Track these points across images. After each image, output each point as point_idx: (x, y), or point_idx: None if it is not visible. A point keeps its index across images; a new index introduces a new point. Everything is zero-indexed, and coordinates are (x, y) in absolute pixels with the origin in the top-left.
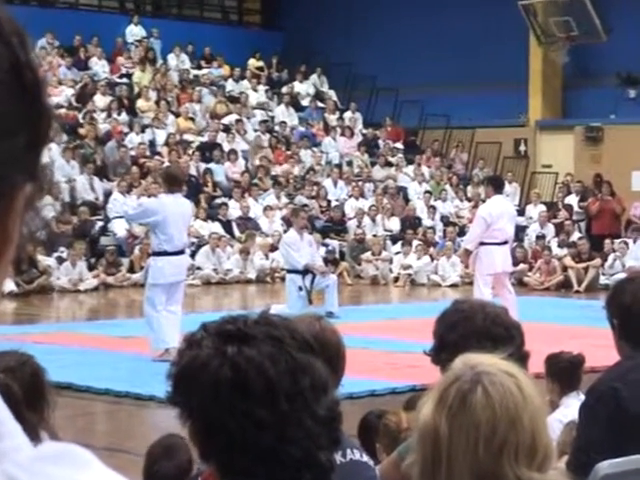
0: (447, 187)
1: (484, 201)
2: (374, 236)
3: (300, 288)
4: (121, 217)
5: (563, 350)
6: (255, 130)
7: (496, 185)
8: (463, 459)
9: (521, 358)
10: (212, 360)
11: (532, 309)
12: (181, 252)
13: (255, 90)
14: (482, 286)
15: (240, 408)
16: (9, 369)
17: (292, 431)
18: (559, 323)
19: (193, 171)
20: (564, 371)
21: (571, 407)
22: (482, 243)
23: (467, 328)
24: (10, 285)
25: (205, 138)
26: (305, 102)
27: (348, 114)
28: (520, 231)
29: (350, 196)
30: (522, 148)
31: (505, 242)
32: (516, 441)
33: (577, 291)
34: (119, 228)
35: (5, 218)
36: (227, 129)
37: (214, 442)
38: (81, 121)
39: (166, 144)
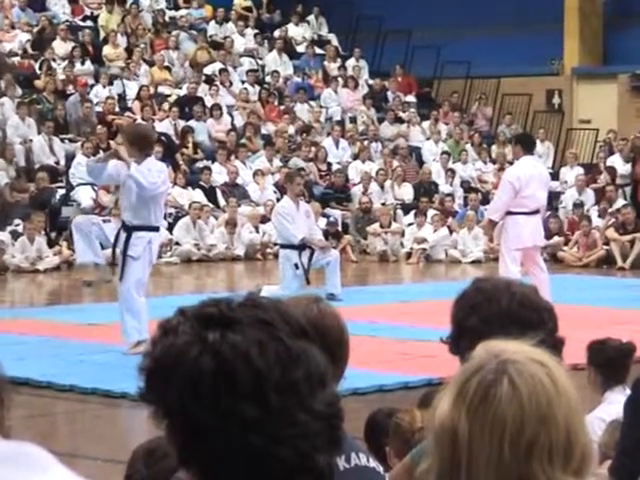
0: (468, 147)
1: (512, 163)
2: (382, 205)
3: (296, 266)
4: (86, 184)
5: (610, 337)
6: (242, 81)
7: (526, 144)
8: (486, 462)
9: (554, 346)
10: (190, 348)
11: (568, 289)
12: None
13: (242, 34)
14: (509, 263)
15: (224, 404)
16: None
17: (284, 430)
18: (600, 305)
19: (170, 130)
20: (610, 361)
21: (615, 404)
22: (509, 213)
23: (490, 311)
24: None
25: (184, 91)
26: (301, 48)
27: (351, 62)
28: (554, 198)
29: (354, 158)
30: (556, 100)
31: (536, 211)
32: (548, 441)
33: (621, 268)
34: (84, 197)
35: None
36: (210, 80)
37: (194, 444)
38: (38, 71)
39: (138, 98)
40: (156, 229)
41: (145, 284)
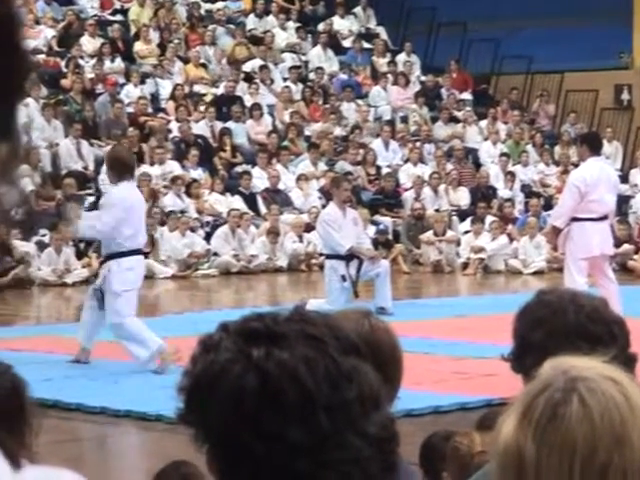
0: (529, 148)
1: (576, 165)
2: (436, 211)
3: (343, 278)
4: None
5: None
6: (284, 79)
7: (592, 144)
8: None
9: (625, 362)
10: (233, 365)
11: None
12: (142, 251)
13: (283, 28)
14: (575, 274)
15: (269, 425)
16: None
17: (334, 454)
18: None
19: (206, 132)
20: None
21: None
22: (575, 219)
23: (556, 325)
24: None
25: (221, 90)
26: (347, 43)
27: (402, 57)
28: (623, 202)
29: (406, 161)
30: (625, 97)
31: (604, 217)
32: (622, 463)
33: None
34: None
35: None
36: (249, 78)
37: (237, 470)
38: (64, 70)
39: (172, 98)
40: (126, 254)
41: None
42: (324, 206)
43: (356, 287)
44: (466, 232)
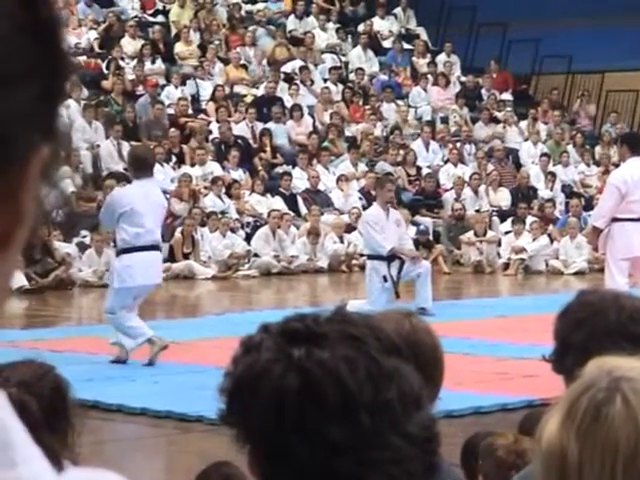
0: (569, 148)
1: (617, 165)
2: (477, 212)
3: (384, 278)
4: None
5: None
6: (325, 80)
7: (633, 144)
8: None
9: None
10: (274, 365)
11: None
12: (153, 248)
13: (324, 29)
14: (616, 274)
15: (311, 425)
16: (25, 383)
17: (376, 454)
18: None
19: (247, 132)
20: None
21: None
22: (615, 219)
23: (598, 326)
24: (20, 279)
25: (261, 91)
26: (387, 43)
27: (442, 57)
28: None
29: (446, 161)
30: None
31: None
32: None
33: None
34: None
35: (17, 189)
36: (289, 79)
37: (279, 470)
38: (105, 71)
39: (212, 99)
40: (129, 250)
41: (125, 308)
42: (364, 207)
43: (397, 288)
44: (507, 232)
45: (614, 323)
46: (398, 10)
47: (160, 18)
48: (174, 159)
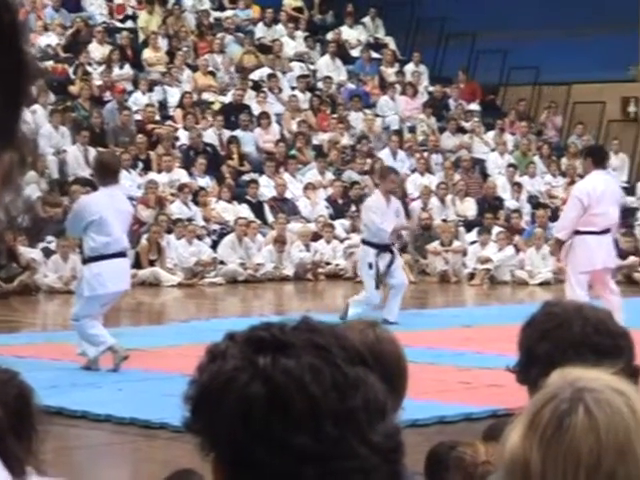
0: (536, 159)
1: (583, 176)
2: (443, 221)
3: (370, 265)
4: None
5: None
6: (292, 88)
7: (597, 157)
8: None
9: (631, 374)
10: (240, 374)
11: None
12: (121, 255)
13: (292, 37)
14: (576, 286)
15: (276, 433)
16: None
17: (341, 463)
18: None
19: (214, 140)
20: None
21: None
22: (577, 232)
23: (562, 337)
24: None
25: (229, 98)
26: (356, 52)
27: (410, 67)
28: (629, 215)
29: (413, 171)
30: (632, 109)
31: (607, 230)
32: (627, 475)
33: None
34: None
35: None
36: (257, 86)
37: (243, 478)
38: (72, 76)
39: (180, 106)
40: (98, 258)
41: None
42: (331, 216)
43: (381, 280)
44: (473, 242)
45: (578, 334)
46: (367, 19)
47: (128, 24)
48: (141, 165)
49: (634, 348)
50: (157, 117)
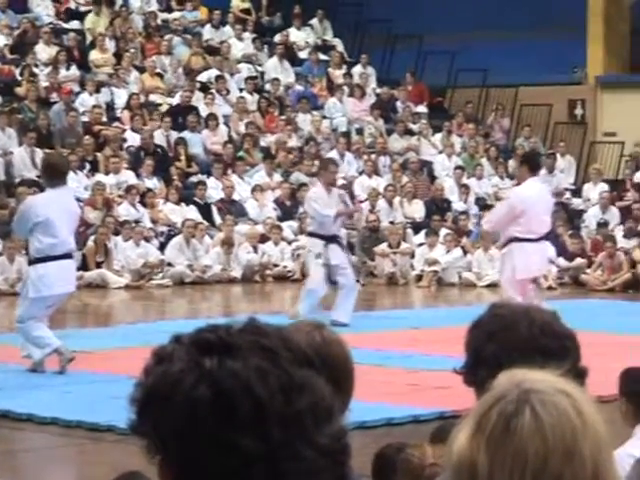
0: (483, 161)
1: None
2: (391, 223)
3: (318, 255)
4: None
5: None
6: (240, 89)
7: (533, 165)
8: None
9: (577, 376)
10: (186, 376)
11: (591, 315)
12: (67, 256)
13: (240, 39)
14: (512, 293)
15: (222, 436)
16: None
17: (287, 465)
18: (625, 333)
19: (162, 141)
20: None
21: None
22: (515, 239)
23: (508, 339)
24: None
25: (177, 100)
26: (303, 54)
27: (358, 69)
28: (576, 216)
29: (361, 173)
30: (579, 112)
31: (542, 238)
32: (573, 477)
33: None
34: None
35: None
36: (205, 88)
37: None
38: (19, 78)
39: (127, 107)
40: (45, 259)
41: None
42: (279, 217)
43: (332, 275)
44: (420, 245)
45: (525, 336)
46: (314, 21)
47: (75, 25)
48: (88, 167)
49: (580, 349)
50: (104, 118)
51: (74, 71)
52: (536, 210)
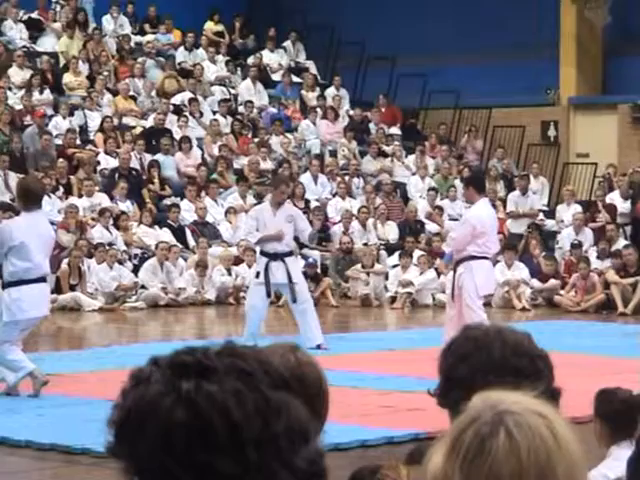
0: (457, 183)
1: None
2: (365, 245)
3: (257, 274)
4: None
5: (620, 387)
6: (214, 112)
7: (479, 186)
8: None
9: (550, 396)
10: (163, 398)
11: (565, 335)
12: (42, 280)
13: (213, 61)
14: (477, 310)
15: (199, 458)
16: None
17: None
18: (599, 353)
19: (135, 164)
20: (618, 413)
21: (621, 460)
22: (474, 257)
23: (481, 360)
24: None
25: (150, 122)
26: (277, 76)
27: (331, 91)
28: (550, 238)
29: (334, 195)
30: (551, 133)
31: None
32: None
33: (622, 313)
34: None
35: None
36: (178, 111)
37: None
38: None
39: (101, 130)
40: (18, 283)
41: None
42: None
43: (269, 288)
44: (394, 266)
45: (498, 357)
46: (288, 43)
47: (49, 48)
48: (61, 190)
49: (554, 370)
50: (78, 141)
51: (47, 94)
52: (492, 230)
